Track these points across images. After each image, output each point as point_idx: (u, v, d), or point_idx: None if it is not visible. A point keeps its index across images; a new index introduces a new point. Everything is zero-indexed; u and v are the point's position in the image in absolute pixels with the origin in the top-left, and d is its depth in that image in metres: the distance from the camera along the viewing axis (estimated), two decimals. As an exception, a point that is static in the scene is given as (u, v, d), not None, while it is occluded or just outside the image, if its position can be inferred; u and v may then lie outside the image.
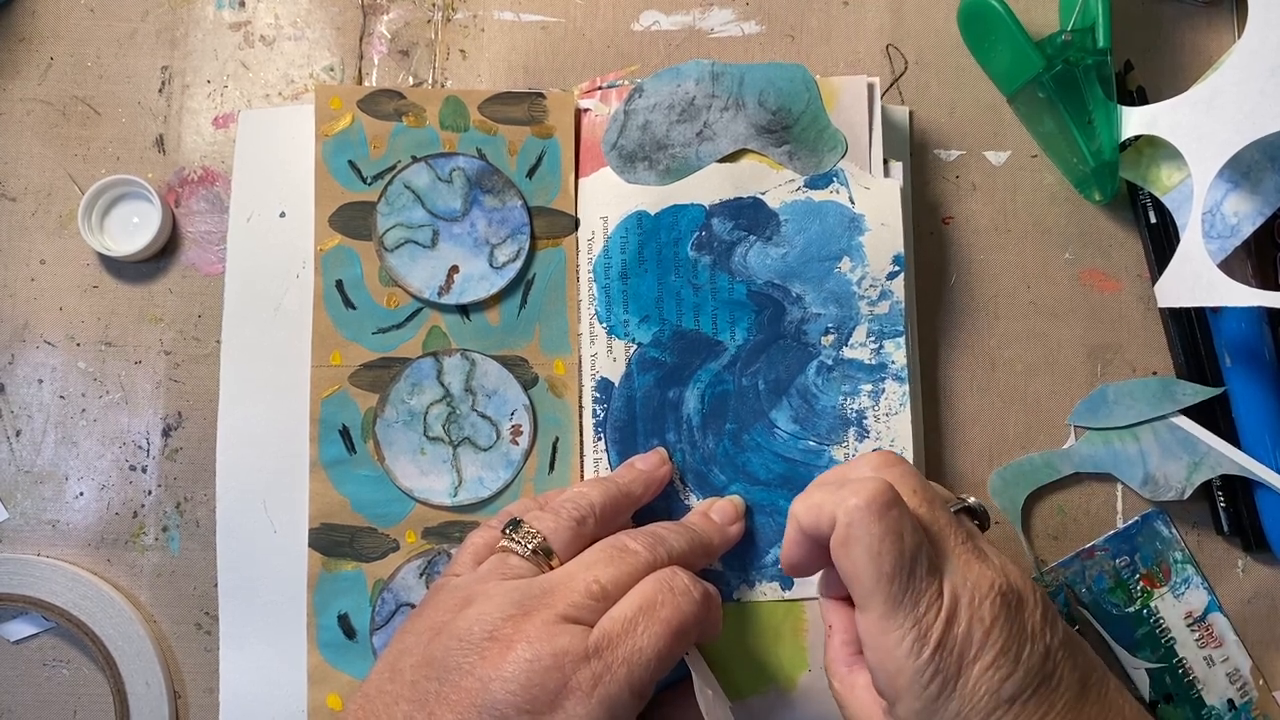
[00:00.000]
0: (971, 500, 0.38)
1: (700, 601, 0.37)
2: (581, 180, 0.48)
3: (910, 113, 0.50)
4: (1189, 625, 0.47)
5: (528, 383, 0.47)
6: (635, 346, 0.46)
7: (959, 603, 0.33)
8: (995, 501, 0.48)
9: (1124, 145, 0.48)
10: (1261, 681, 0.47)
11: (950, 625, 0.33)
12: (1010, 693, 0.32)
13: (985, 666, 0.32)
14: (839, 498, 0.34)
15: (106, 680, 0.46)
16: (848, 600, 0.38)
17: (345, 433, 0.46)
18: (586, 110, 0.48)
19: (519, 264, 0.47)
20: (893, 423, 0.46)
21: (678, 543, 0.40)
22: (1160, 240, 0.49)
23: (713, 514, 0.44)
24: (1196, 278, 0.44)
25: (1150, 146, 0.48)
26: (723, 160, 0.47)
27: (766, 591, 0.45)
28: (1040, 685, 0.33)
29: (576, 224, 0.47)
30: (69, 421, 0.48)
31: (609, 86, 0.49)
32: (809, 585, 0.45)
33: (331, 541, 0.45)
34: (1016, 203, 0.50)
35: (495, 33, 0.50)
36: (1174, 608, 0.47)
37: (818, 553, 0.37)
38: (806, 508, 0.36)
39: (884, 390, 0.46)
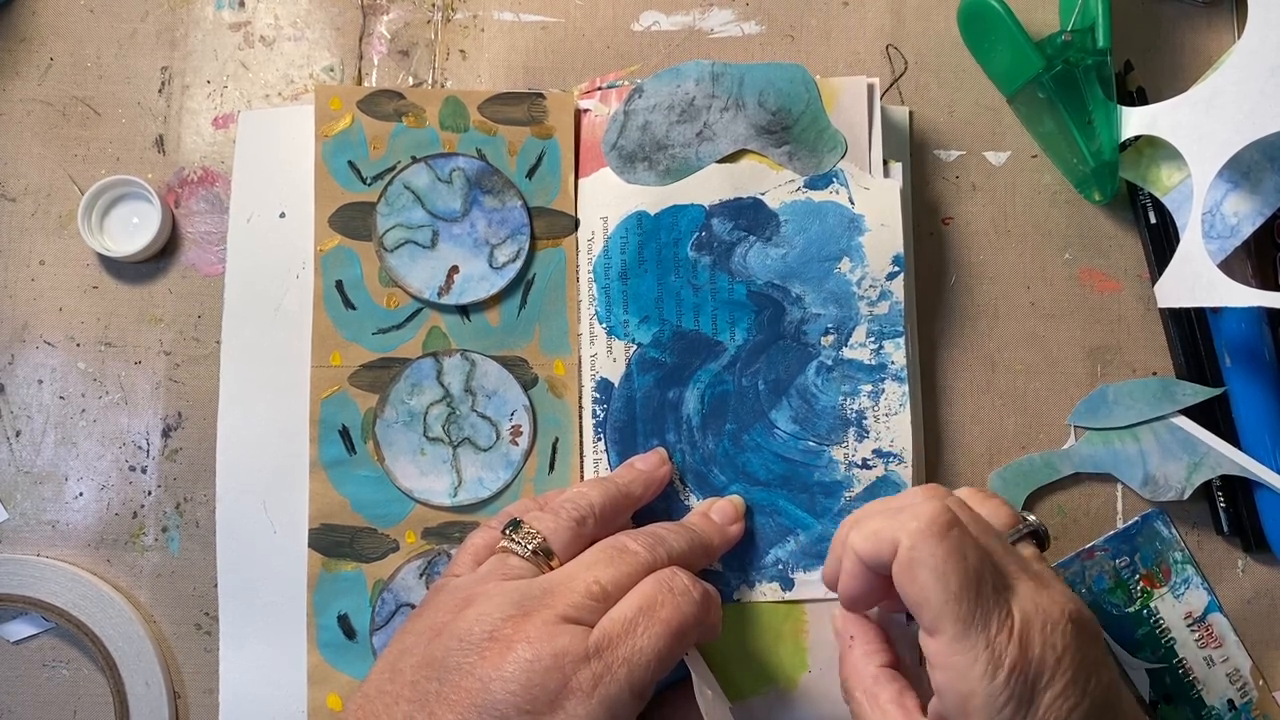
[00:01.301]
0: (1034, 520, 0.38)
1: (700, 602, 0.37)
2: (581, 180, 0.48)
3: (910, 113, 0.50)
4: (1189, 625, 0.47)
5: (528, 383, 0.47)
6: (635, 347, 0.46)
7: (1031, 627, 0.33)
8: (995, 502, 0.48)
9: (1124, 145, 0.48)
10: (1261, 681, 0.47)
11: (1024, 649, 0.32)
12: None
13: (1056, 695, 0.32)
14: (898, 523, 0.34)
15: (106, 680, 0.46)
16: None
17: (345, 433, 0.46)
18: (586, 110, 0.48)
19: (519, 264, 0.47)
20: (892, 423, 0.46)
21: (677, 543, 0.40)
22: (1160, 240, 0.49)
23: (713, 514, 0.44)
24: (1196, 278, 0.44)
25: (1150, 146, 0.48)
26: (723, 161, 0.47)
27: (766, 592, 0.45)
28: (1102, 715, 0.33)
29: (576, 224, 0.47)
30: (69, 422, 0.48)
31: (609, 87, 0.49)
32: (809, 586, 0.45)
33: (331, 542, 0.45)
34: (1016, 203, 0.50)
35: (495, 33, 0.50)
36: (1174, 608, 0.47)
37: (878, 582, 0.36)
38: (864, 537, 0.35)
39: (884, 390, 0.46)
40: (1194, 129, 0.45)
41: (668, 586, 0.36)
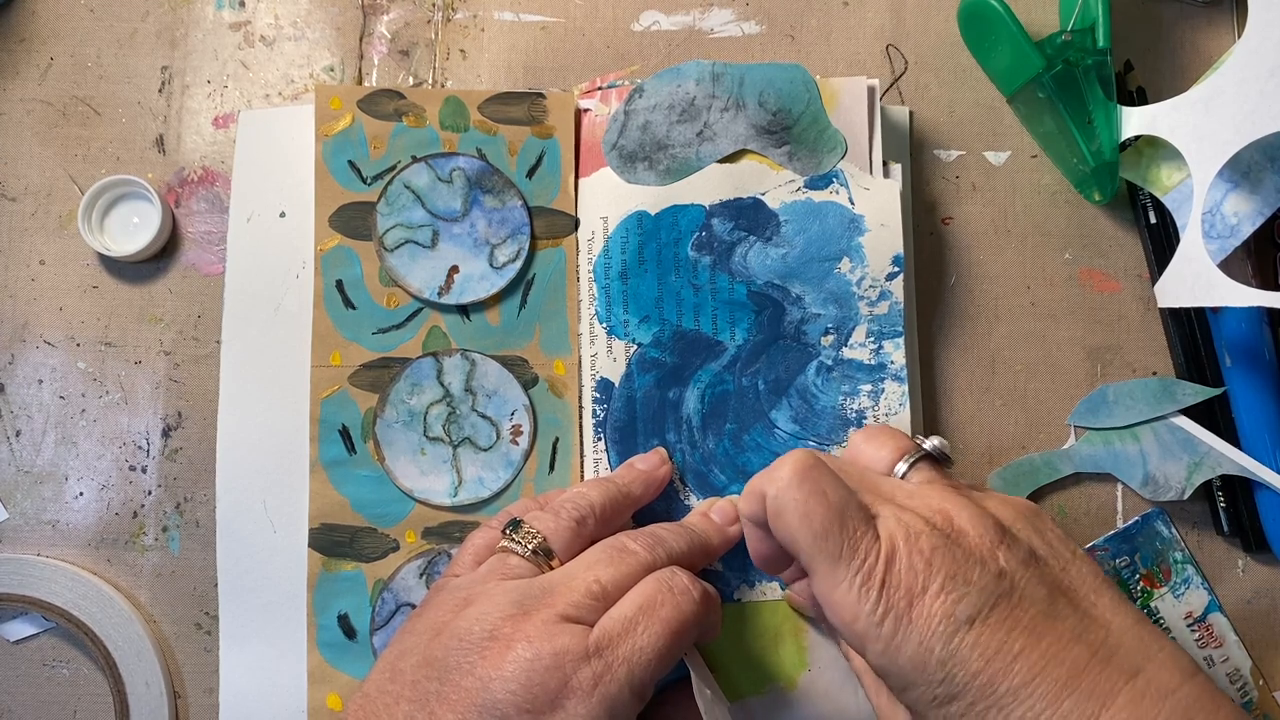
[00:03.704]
0: (929, 443, 0.39)
1: (700, 601, 0.37)
2: (581, 180, 0.48)
3: (910, 113, 0.50)
4: (1189, 625, 0.47)
5: (528, 383, 0.47)
6: (635, 347, 0.46)
7: (895, 542, 0.34)
8: (995, 501, 0.48)
9: (1124, 145, 0.48)
10: (1261, 681, 0.47)
11: (891, 564, 0.33)
12: (967, 613, 0.32)
13: (935, 593, 0.33)
14: (763, 479, 0.36)
15: (106, 680, 0.46)
16: None
17: (345, 433, 0.46)
18: (586, 110, 0.48)
19: (519, 264, 0.47)
20: (892, 423, 0.46)
21: (677, 543, 0.40)
22: (1160, 240, 0.49)
23: (713, 514, 0.44)
24: (1196, 278, 0.44)
25: (1150, 146, 0.48)
26: (723, 161, 0.47)
27: (766, 591, 0.45)
28: (998, 603, 0.33)
29: (576, 224, 0.47)
30: (69, 421, 0.48)
31: (609, 87, 0.49)
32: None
33: (331, 541, 0.45)
34: (1016, 203, 0.50)
35: (495, 33, 0.50)
36: (1174, 608, 0.47)
37: (776, 542, 0.37)
38: (745, 500, 0.37)
39: (884, 390, 0.46)
40: (1194, 129, 0.45)
41: (668, 586, 0.36)
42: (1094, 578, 0.35)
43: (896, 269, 0.46)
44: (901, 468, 0.38)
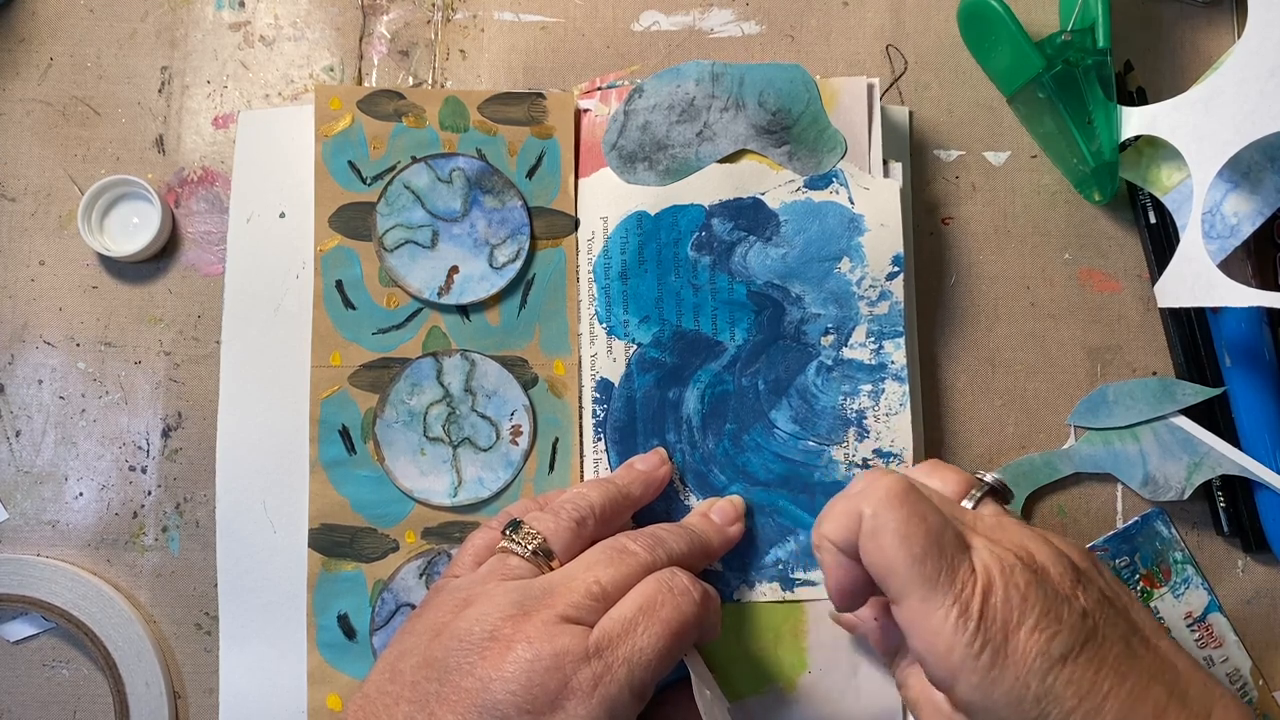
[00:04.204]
0: (990, 477, 0.39)
1: (700, 602, 0.37)
2: (581, 180, 0.48)
3: (910, 113, 0.50)
4: (1189, 625, 0.47)
5: (528, 383, 0.47)
6: (635, 347, 0.46)
7: (992, 574, 0.33)
8: (995, 502, 0.48)
9: (1124, 145, 0.48)
10: (1261, 681, 0.47)
11: (988, 596, 0.33)
12: (1060, 651, 0.33)
13: (1030, 629, 0.33)
14: (859, 498, 0.35)
15: (106, 680, 0.46)
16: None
17: (345, 433, 0.46)
18: (586, 110, 0.48)
19: (519, 264, 0.47)
20: (892, 423, 0.46)
21: (677, 544, 0.40)
22: (1160, 240, 0.49)
23: (713, 514, 0.44)
24: (1196, 278, 0.44)
25: (1150, 146, 0.48)
26: (723, 161, 0.47)
27: (766, 592, 0.45)
28: (1087, 641, 0.33)
29: (576, 224, 0.47)
30: (69, 422, 0.48)
31: (609, 87, 0.49)
32: (809, 586, 0.45)
33: (331, 542, 0.45)
34: (1016, 203, 0.50)
35: (495, 33, 0.50)
36: (1174, 608, 0.47)
37: (861, 573, 0.37)
38: (832, 521, 0.36)
39: (884, 390, 0.46)
40: (1194, 129, 0.45)
41: (667, 586, 0.36)
42: (1153, 619, 0.36)
43: (896, 269, 0.46)
44: (967, 503, 0.38)
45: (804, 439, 0.46)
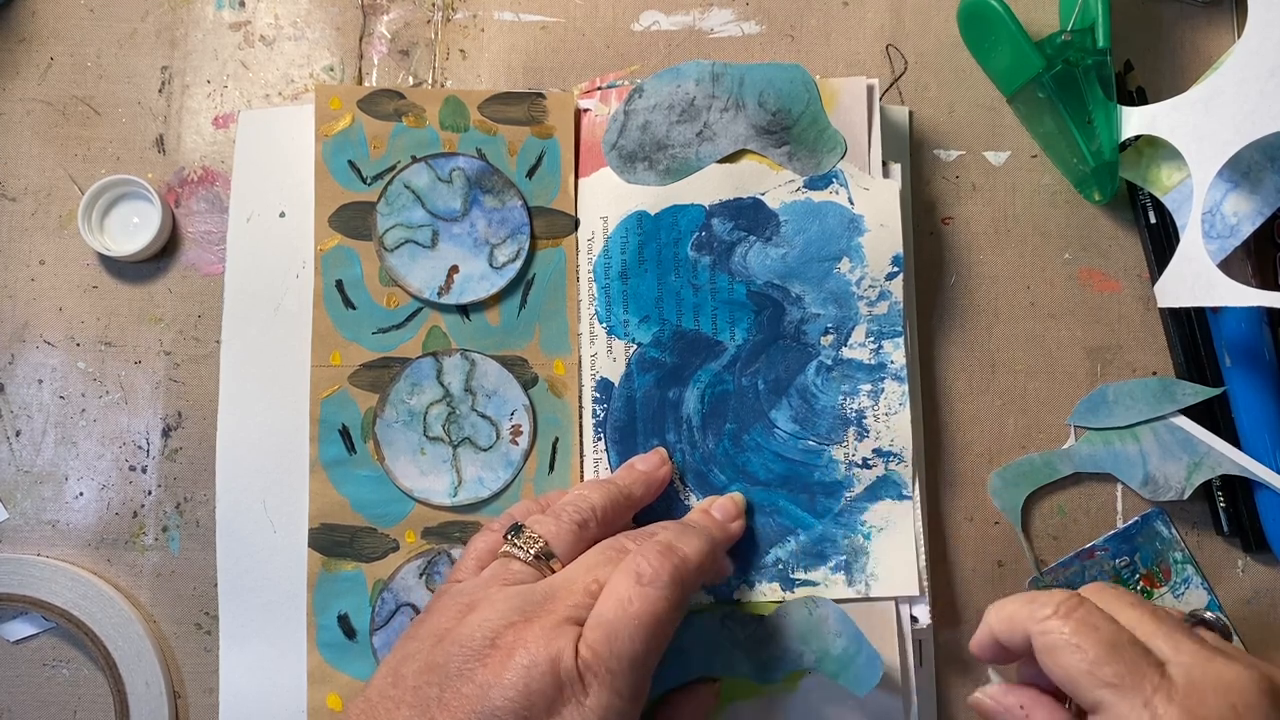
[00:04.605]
0: (1208, 615, 0.39)
1: (670, 584, 0.36)
2: (581, 180, 0.48)
3: (910, 113, 0.50)
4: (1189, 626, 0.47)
5: (528, 383, 0.47)
6: (635, 346, 0.46)
7: (1199, 690, 0.33)
8: (995, 502, 0.48)
9: (1124, 145, 0.48)
10: (1261, 681, 0.47)
11: (1189, 712, 0.32)
12: None
13: None
14: (1029, 610, 0.36)
15: (106, 680, 0.46)
16: (1053, 693, 0.38)
17: (345, 433, 0.46)
18: (586, 110, 0.48)
19: (519, 264, 0.47)
20: (892, 422, 0.46)
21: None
22: (1160, 240, 0.49)
23: (713, 511, 0.44)
24: (1196, 278, 0.44)
25: (1150, 146, 0.48)
26: (723, 161, 0.47)
27: (766, 592, 0.45)
28: None
29: (576, 224, 0.47)
30: (69, 421, 0.48)
31: (609, 87, 0.49)
32: (809, 586, 0.45)
33: (331, 541, 0.45)
34: (1016, 203, 0.50)
35: (495, 33, 0.50)
36: (1174, 608, 0.47)
37: (1006, 654, 0.38)
38: (999, 618, 0.37)
39: (883, 390, 0.46)
40: (1194, 129, 0.45)
41: (634, 576, 0.36)
42: None
43: (896, 269, 0.46)
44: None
45: (804, 439, 0.46)
